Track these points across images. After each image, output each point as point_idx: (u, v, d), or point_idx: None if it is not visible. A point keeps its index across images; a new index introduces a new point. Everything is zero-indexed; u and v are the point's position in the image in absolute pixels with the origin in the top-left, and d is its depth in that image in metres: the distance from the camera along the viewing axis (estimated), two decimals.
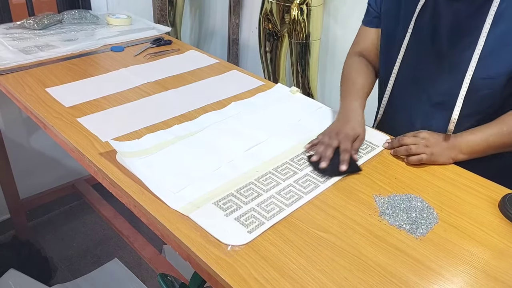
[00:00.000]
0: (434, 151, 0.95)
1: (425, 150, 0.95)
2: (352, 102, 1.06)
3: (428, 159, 0.95)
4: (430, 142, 0.96)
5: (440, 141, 0.97)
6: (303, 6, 1.81)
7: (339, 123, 1.01)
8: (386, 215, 0.81)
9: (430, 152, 0.95)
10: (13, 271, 1.71)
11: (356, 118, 1.02)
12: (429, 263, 0.71)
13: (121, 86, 1.25)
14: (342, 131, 0.98)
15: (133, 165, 0.88)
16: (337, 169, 0.92)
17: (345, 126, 1.00)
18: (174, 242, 0.76)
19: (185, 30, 2.47)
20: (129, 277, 1.85)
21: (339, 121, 1.02)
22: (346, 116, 1.03)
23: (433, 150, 0.95)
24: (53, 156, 2.03)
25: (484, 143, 0.94)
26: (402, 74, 1.07)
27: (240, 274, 0.67)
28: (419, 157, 0.95)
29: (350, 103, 1.05)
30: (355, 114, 1.02)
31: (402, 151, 0.98)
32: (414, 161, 0.95)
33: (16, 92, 1.18)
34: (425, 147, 0.95)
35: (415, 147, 0.96)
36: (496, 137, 0.93)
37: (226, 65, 1.47)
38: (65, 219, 2.14)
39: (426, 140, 0.97)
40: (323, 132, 1.02)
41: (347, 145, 0.95)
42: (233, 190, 0.85)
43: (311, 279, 0.67)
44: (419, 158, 0.95)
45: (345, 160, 0.92)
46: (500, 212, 0.84)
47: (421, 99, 1.05)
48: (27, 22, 1.60)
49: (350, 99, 1.07)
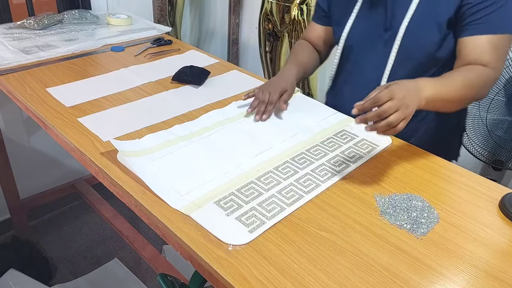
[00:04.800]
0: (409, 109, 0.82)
1: (404, 112, 0.81)
2: (288, 65, 1.21)
3: (407, 121, 0.82)
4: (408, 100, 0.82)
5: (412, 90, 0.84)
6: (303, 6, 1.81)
7: (272, 79, 1.16)
8: (386, 214, 0.81)
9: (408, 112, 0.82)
10: (13, 271, 1.71)
11: (286, 75, 1.17)
12: (430, 262, 0.71)
13: (122, 86, 1.25)
14: (272, 85, 1.12)
15: (134, 165, 0.88)
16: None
17: (276, 81, 1.15)
18: (175, 241, 0.76)
19: (185, 30, 2.47)
20: (129, 277, 1.85)
21: (273, 78, 1.17)
22: (280, 74, 1.18)
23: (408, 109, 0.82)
24: (53, 156, 2.03)
25: (443, 89, 0.89)
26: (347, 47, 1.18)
27: (242, 274, 0.67)
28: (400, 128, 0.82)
29: (286, 66, 1.21)
30: (287, 73, 1.17)
31: (383, 127, 0.81)
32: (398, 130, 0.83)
33: (17, 92, 1.18)
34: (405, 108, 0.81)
35: (396, 117, 0.80)
36: (453, 86, 0.91)
37: (226, 65, 1.47)
38: (65, 219, 2.14)
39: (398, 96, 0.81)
40: (259, 86, 1.15)
41: (274, 97, 1.10)
42: (234, 190, 0.85)
43: (312, 278, 0.67)
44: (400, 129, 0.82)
45: (268, 110, 1.10)
46: (500, 212, 0.84)
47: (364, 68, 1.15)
48: (27, 22, 1.60)
49: (288, 65, 1.22)
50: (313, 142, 1.03)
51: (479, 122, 1.63)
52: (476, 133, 1.64)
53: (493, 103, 1.59)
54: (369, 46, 1.12)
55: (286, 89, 1.13)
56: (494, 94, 1.58)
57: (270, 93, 1.10)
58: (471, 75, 0.94)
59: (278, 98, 1.11)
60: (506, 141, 1.61)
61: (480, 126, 1.63)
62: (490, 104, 1.60)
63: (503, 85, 1.56)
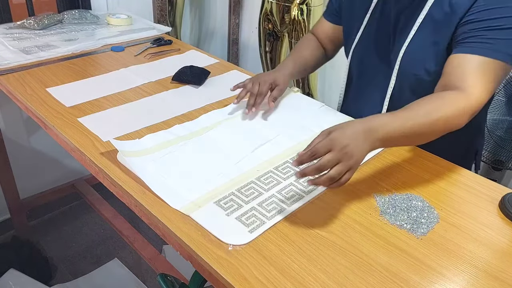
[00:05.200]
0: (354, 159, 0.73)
1: (347, 164, 0.73)
2: (286, 60, 1.18)
3: (353, 172, 0.75)
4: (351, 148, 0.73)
5: (358, 136, 0.75)
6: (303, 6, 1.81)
7: (266, 72, 1.13)
8: (387, 214, 0.81)
9: (351, 163, 0.73)
10: (13, 271, 1.71)
11: (281, 70, 1.13)
12: (430, 263, 0.71)
13: (122, 86, 1.25)
14: (263, 77, 1.10)
15: (134, 165, 0.88)
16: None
17: (268, 74, 1.12)
18: (175, 241, 0.76)
19: (185, 30, 2.47)
20: (129, 277, 1.85)
21: (267, 71, 1.15)
22: (276, 68, 1.15)
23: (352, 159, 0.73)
24: (53, 156, 2.03)
25: (401, 126, 0.78)
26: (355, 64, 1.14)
27: (242, 274, 0.67)
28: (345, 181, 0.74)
29: (285, 61, 1.18)
30: (283, 68, 1.15)
31: (325, 182, 0.73)
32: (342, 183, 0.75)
33: (17, 92, 1.18)
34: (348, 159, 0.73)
35: (337, 171, 0.72)
36: (413, 122, 0.79)
37: (226, 65, 1.47)
38: (65, 219, 2.14)
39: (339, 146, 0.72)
40: (250, 78, 1.12)
41: (263, 88, 1.07)
42: (234, 189, 0.85)
43: (312, 278, 0.67)
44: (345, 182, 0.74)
45: (257, 103, 1.08)
46: (500, 212, 0.84)
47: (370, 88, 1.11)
48: (27, 22, 1.60)
49: (286, 60, 1.19)
50: None
51: None
52: None
53: (493, 103, 1.59)
54: (374, 66, 1.08)
55: (277, 83, 1.10)
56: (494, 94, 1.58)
57: (259, 84, 1.08)
58: (440, 105, 0.82)
59: (267, 90, 1.09)
60: (506, 141, 1.61)
61: None
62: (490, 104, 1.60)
63: (503, 85, 1.56)
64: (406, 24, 0.99)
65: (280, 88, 1.10)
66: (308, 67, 1.25)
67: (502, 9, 0.84)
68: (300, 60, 1.20)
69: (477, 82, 0.84)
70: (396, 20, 1.01)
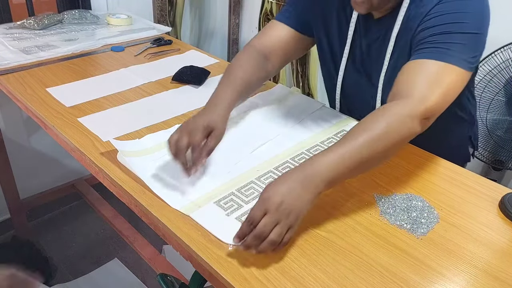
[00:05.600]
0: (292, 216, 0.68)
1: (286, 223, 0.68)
2: (221, 90, 0.94)
3: (296, 228, 0.70)
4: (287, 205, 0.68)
5: (295, 187, 0.69)
6: None
7: (197, 115, 0.88)
8: (387, 214, 0.81)
9: (290, 220, 0.69)
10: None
11: (216, 108, 0.88)
12: (430, 262, 0.71)
13: (122, 86, 1.25)
14: (193, 123, 0.84)
15: (134, 165, 0.88)
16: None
17: (200, 116, 0.86)
18: (175, 241, 0.76)
19: (185, 30, 2.47)
20: (129, 277, 1.85)
21: (198, 113, 0.88)
22: (208, 106, 0.90)
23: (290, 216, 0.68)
24: (53, 156, 2.03)
25: (340, 160, 0.72)
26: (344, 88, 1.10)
27: (242, 274, 0.67)
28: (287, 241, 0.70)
29: (219, 91, 0.94)
30: (219, 103, 0.90)
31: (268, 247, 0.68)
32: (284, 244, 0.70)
33: (17, 92, 1.18)
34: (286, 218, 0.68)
35: (276, 234, 0.67)
36: (351, 151, 0.73)
37: (226, 65, 1.46)
38: (65, 219, 2.14)
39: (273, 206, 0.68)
40: (179, 127, 0.87)
41: (196, 139, 0.83)
42: (234, 189, 0.85)
43: (313, 278, 0.67)
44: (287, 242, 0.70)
45: (195, 160, 0.82)
46: (500, 212, 0.84)
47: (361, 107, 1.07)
48: (27, 22, 1.60)
49: (222, 88, 0.95)
50: (313, 142, 1.03)
51: (479, 122, 1.63)
52: None
53: (493, 103, 1.59)
54: (360, 96, 1.08)
55: (212, 128, 0.85)
56: (494, 94, 1.58)
57: (190, 134, 0.83)
58: (380, 120, 0.75)
59: (202, 139, 0.84)
60: (506, 141, 1.61)
61: (480, 126, 1.63)
62: (490, 104, 1.60)
63: (503, 85, 1.56)
64: (378, 55, 0.98)
65: (217, 134, 0.86)
66: (250, 92, 1.03)
67: (454, 14, 0.82)
68: (239, 88, 0.96)
69: (423, 85, 0.79)
70: (368, 51, 1.01)
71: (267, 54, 1.05)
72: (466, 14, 0.82)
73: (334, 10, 1.02)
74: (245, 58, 1.03)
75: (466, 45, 0.81)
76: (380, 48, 0.98)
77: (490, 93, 1.59)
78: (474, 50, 0.83)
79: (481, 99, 1.60)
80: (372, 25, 0.98)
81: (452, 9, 0.83)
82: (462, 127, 1.13)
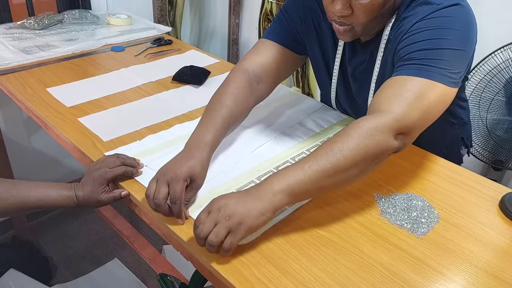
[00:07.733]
0: (234, 218, 0.67)
1: (226, 225, 0.66)
2: (203, 128, 0.87)
3: (239, 235, 0.67)
4: (230, 208, 0.68)
5: (244, 196, 0.70)
6: None
7: (175, 160, 0.81)
8: (387, 214, 0.81)
9: (232, 223, 0.67)
10: (13, 271, 1.71)
11: (197, 153, 0.81)
12: (430, 262, 0.71)
13: (122, 86, 1.25)
14: (171, 171, 0.77)
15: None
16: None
17: (179, 162, 0.79)
18: (175, 241, 0.76)
19: (185, 30, 2.47)
20: (129, 277, 1.85)
21: (177, 157, 0.82)
22: (188, 148, 0.83)
23: (233, 218, 0.67)
24: (53, 156, 2.03)
25: (299, 171, 0.70)
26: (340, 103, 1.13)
27: (242, 273, 0.67)
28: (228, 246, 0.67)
29: (201, 136, 0.85)
30: (200, 146, 0.83)
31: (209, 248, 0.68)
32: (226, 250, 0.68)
33: (17, 92, 1.18)
34: (226, 219, 0.67)
35: (215, 234, 0.66)
36: (312, 162, 0.71)
37: (226, 65, 1.47)
38: (65, 219, 2.14)
39: (215, 207, 0.69)
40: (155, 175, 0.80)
41: (176, 190, 0.75)
42: (234, 189, 0.85)
43: (313, 278, 0.67)
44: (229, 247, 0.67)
45: (176, 211, 0.76)
46: (501, 211, 0.84)
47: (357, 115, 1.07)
48: (28, 22, 1.60)
49: (204, 129, 0.86)
50: (313, 142, 1.03)
51: (479, 122, 1.63)
52: (476, 133, 1.64)
53: (493, 103, 1.60)
54: (353, 110, 1.10)
55: (193, 177, 0.79)
56: (494, 94, 1.58)
57: (168, 185, 0.76)
58: (345, 135, 0.73)
59: (183, 190, 0.76)
60: (506, 141, 1.61)
61: (480, 126, 1.63)
62: (490, 104, 1.60)
63: (503, 85, 1.56)
64: (365, 78, 0.99)
65: (196, 185, 0.80)
66: (238, 123, 0.96)
67: (436, 30, 0.80)
68: (225, 125, 0.89)
69: (400, 101, 0.76)
70: (354, 76, 1.02)
71: (259, 77, 0.99)
72: (449, 30, 0.80)
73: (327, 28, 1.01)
74: (234, 85, 0.94)
75: (449, 61, 0.79)
76: (366, 70, 0.98)
77: (490, 93, 1.59)
78: (458, 67, 0.80)
79: (481, 99, 1.60)
80: (358, 49, 0.98)
81: (434, 25, 0.81)
82: (453, 129, 1.12)
